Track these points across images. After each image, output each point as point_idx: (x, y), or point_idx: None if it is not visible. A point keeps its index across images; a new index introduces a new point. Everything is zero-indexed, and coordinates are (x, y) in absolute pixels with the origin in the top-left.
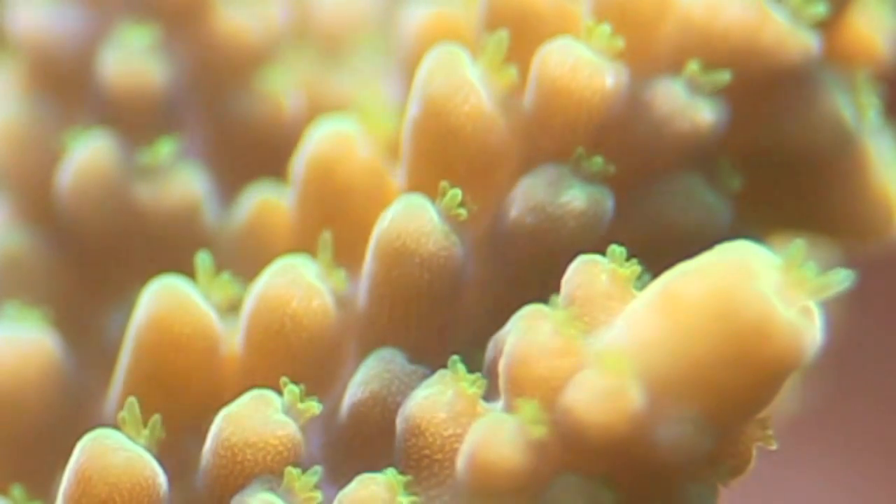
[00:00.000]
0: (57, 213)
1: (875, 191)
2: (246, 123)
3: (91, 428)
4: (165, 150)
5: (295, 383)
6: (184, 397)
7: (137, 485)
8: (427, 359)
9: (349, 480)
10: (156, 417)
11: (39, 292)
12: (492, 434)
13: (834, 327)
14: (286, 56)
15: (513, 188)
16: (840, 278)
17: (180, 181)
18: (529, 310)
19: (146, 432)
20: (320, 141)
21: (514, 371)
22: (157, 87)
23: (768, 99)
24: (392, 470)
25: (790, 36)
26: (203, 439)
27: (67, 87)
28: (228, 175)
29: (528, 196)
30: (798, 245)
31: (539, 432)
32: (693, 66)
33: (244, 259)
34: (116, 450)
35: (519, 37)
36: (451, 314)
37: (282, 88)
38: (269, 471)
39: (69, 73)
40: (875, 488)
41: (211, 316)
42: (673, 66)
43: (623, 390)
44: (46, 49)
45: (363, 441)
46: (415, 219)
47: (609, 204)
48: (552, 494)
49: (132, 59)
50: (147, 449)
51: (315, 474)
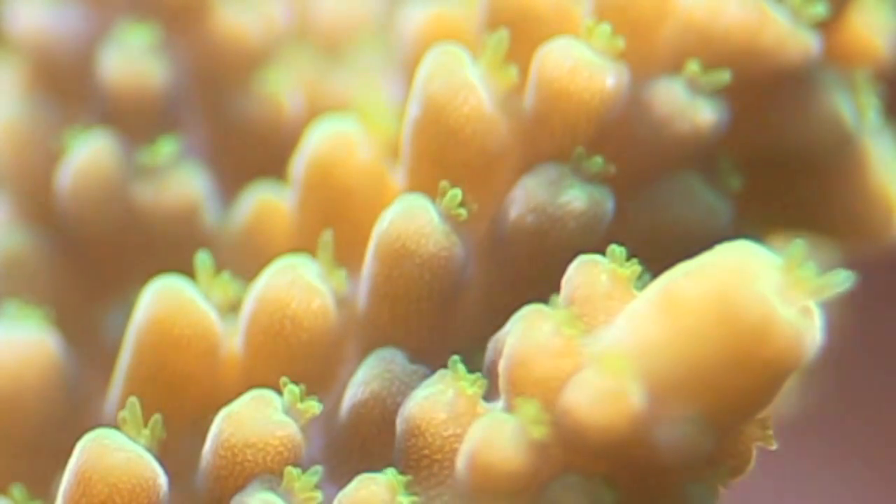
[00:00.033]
0: (57, 213)
1: (875, 191)
2: (246, 123)
3: (91, 428)
4: (165, 150)
5: (295, 383)
6: (184, 397)
7: (137, 485)
8: (427, 359)
9: (349, 480)
10: (156, 417)
11: (39, 292)
12: (492, 434)
13: (834, 327)
14: (286, 56)
15: (513, 188)
16: (840, 278)
17: (180, 181)
18: (529, 310)
19: (147, 432)
20: (320, 141)
21: (514, 371)
22: (157, 87)
23: (768, 99)
24: (392, 470)
25: (790, 36)
26: (203, 439)
27: (67, 87)
28: (228, 175)
29: (529, 196)
30: (798, 245)
31: (539, 432)
32: (693, 67)
33: (244, 259)
34: (116, 450)
35: (519, 37)
36: (452, 314)
37: (282, 89)
38: (269, 471)
39: (69, 73)
40: (874, 488)
41: (211, 316)
42: (673, 67)
43: (623, 390)
44: (46, 49)
45: (363, 441)
46: (415, 219)
47: (609, 204)
48: (552, 495)
49: (132, 59)
50: (147, 449)
51: (315, 474)
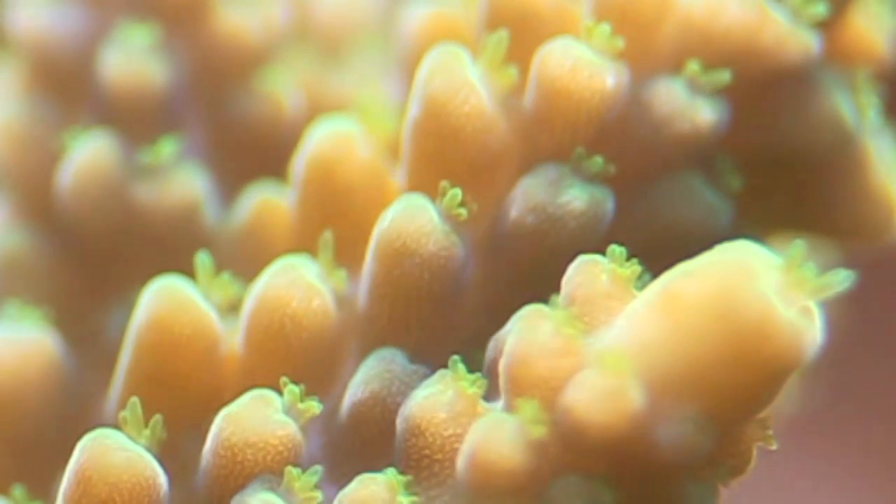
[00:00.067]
0: (57, 213)
1: (875, 191)
2: (246, 123)
3: (91, 428)
4: (166, 150)
5: (295, 383)
6: (184, 397)
7: (138, 485)
8: (427, 359)
9: (349, 480)
10: (157, 417)
11: (39, 292)
12: (492, 434)
13: (834, 327)
14: (286, 56)
15: (513, 188)
16: (840, 278)
17: (180, 181)
18: (529, 310)
19: (147, 432)
20: (320, 141)
21: (514, 371)
22: (158, 87)
23: (768, 99)
24: (392, 470)
25: (790, 36)
26: (203, 439)
27: (68, 87)
28: (228, 175)
29: (529, 196)
30: (798, 245)
31: (539, 432)
32: (693, 66)
33: (244, 259)
34: (117, 450)
35: (519, 37)
36: (452, 314)
37: (282, 88)
38: (269, 471)
39: (69, 73)
40: (874, 488)
41: (211, 316)
42: (673, 66)
43: (623, 390)
44: (47, 49)
45: (363, 441)
46: (415, 219)
47: (609, 204)
48: (552, 494)
49: (132, 59)
50: (148, 449)
51: (315, 474)
